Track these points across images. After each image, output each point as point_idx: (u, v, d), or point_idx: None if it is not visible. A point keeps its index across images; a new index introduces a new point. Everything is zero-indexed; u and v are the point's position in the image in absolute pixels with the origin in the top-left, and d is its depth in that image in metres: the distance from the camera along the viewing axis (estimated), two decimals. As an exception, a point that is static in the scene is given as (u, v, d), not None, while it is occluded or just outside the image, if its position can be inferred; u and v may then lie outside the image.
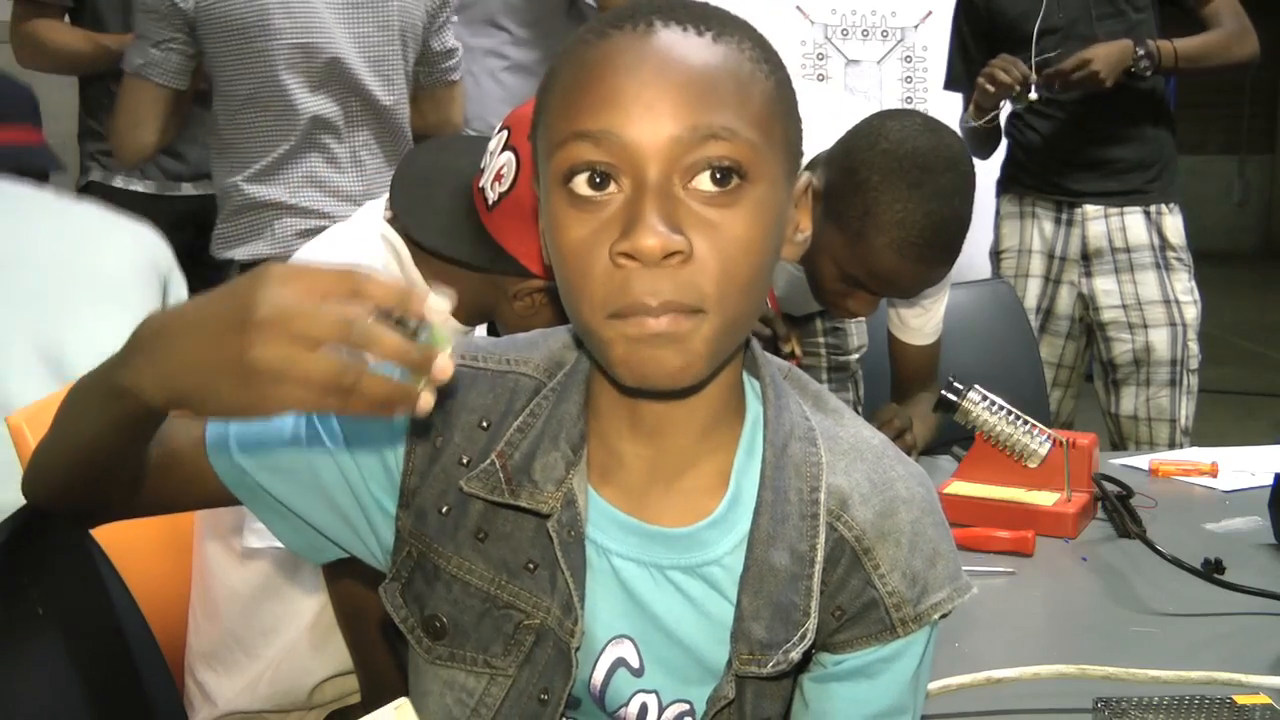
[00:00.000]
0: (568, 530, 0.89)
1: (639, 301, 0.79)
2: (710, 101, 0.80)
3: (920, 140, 1.64)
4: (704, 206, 0.80)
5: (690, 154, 0.79)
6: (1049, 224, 2.81)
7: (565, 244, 0.82)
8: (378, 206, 1.55)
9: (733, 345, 0.86)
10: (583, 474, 0.91)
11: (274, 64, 2.19)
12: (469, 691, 0.93)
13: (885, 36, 3.16)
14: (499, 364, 0.94)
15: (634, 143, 0.79)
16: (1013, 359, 2.51)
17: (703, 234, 0.80)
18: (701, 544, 0.91)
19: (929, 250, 1.64)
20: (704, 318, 0.81)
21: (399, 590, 0.94)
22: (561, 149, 0.81)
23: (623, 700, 0.93)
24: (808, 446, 0.91)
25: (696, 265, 0.80)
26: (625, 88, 0.79)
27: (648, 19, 0.82)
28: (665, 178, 0.80)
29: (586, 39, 0.83)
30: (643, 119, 0.79)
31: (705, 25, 0.82)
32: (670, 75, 0.79)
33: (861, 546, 0.90)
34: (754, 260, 0.82)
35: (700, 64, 0.80)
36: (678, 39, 0.81)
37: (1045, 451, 1.71)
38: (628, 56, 0.80)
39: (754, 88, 0.82)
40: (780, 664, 0.88)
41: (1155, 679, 1.18)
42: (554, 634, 0.91)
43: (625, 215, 0.80)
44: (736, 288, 0.81)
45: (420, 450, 0.92)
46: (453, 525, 0.92)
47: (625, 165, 0.80)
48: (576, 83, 0.82)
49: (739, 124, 0.80)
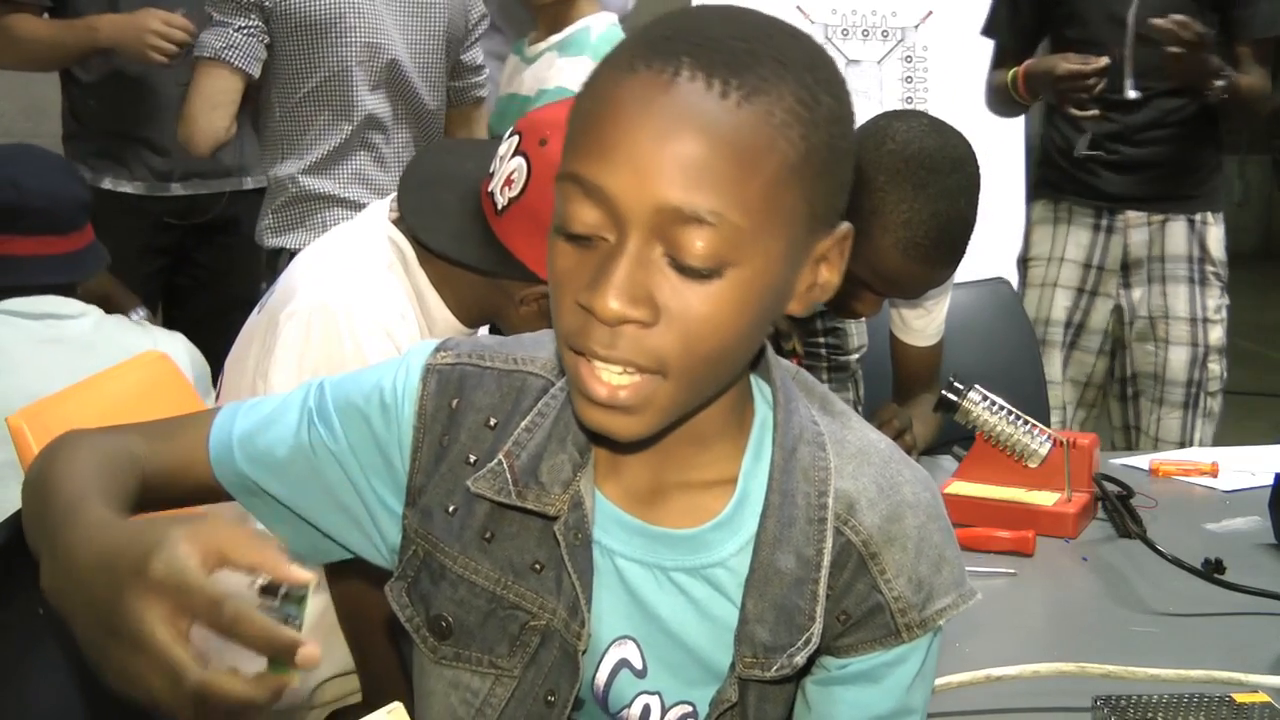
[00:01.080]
0: (574, 533, 0.89)
1: (592, 349, 0.79)
2: (704, 180, 0.75)
3: (926, 141, 1.64)
4: (680, 279, 0.77)
5: (673, 227, 0.76)
6: (1086, 231, 2.63)
7: (553, 269, 0.81)
8: (383, 207, 1.55)
9: (697, 402, 0.85)
10: (590, 476, 0.90)
11: (345, 60, 2.27)
12: (474, 692, 0.93)
13: (886, 36, 3.16)
14: (506, 363, 0.94)
15: (618, 200, 0.76)
16: (1013, 359, 2.51)
17: (673, 304, 0.77)
18: (707, 545, 0.90)
19: (934, 251, 1.64)
20: (662, 380, 0.79)
21: (404, 589, 0.94)
22: (561, 183, 0.80)
23: (625, 701, 0.93)
24: (816, 451, 0.91)
25: (658, 333, 0.78)
26: (622, 143, 0.76)
27: (678, 64, 0.76)
28: (644, 243, 0.77)
29: (617, 64, 0.79)
30: (631, 181, 0.76)
31: (739, 81, 0.76)
32: (671, 143, 0.75)
33: (868, 551, 0.90)
34: (724, 336, 0.79)
35: (710, 134, 0.75)
36: (698, 98, 0.76)
37: (1045, 451, 1.71)
38: (636, 108, 0.76)
39: (767, 161, 0.77)
40: (784, 668, 0.88)
41: (1155, 678, 1.18)
42: (560, 636, 0.91)
43: (597, 267, 0.77)
44: (699, 360, 0.79)
45: (426, 448, 0.92)
46: (459, 525, 0.92)
47: (610, 219, 0.77)
48: (588, 116, 0.79)
49: (730, 207, 0.76)
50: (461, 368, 0.93)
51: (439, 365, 0.93)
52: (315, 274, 1.46)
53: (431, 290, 1.49)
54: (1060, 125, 2.63)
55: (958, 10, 3.15)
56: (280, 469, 0.94)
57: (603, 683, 0.93)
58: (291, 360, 1.39)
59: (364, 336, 1.39)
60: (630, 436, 0.82)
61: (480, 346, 0.95)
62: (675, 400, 0.81)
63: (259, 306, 1.51)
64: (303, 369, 1.38)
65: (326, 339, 1.39)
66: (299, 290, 1.44)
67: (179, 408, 1.71)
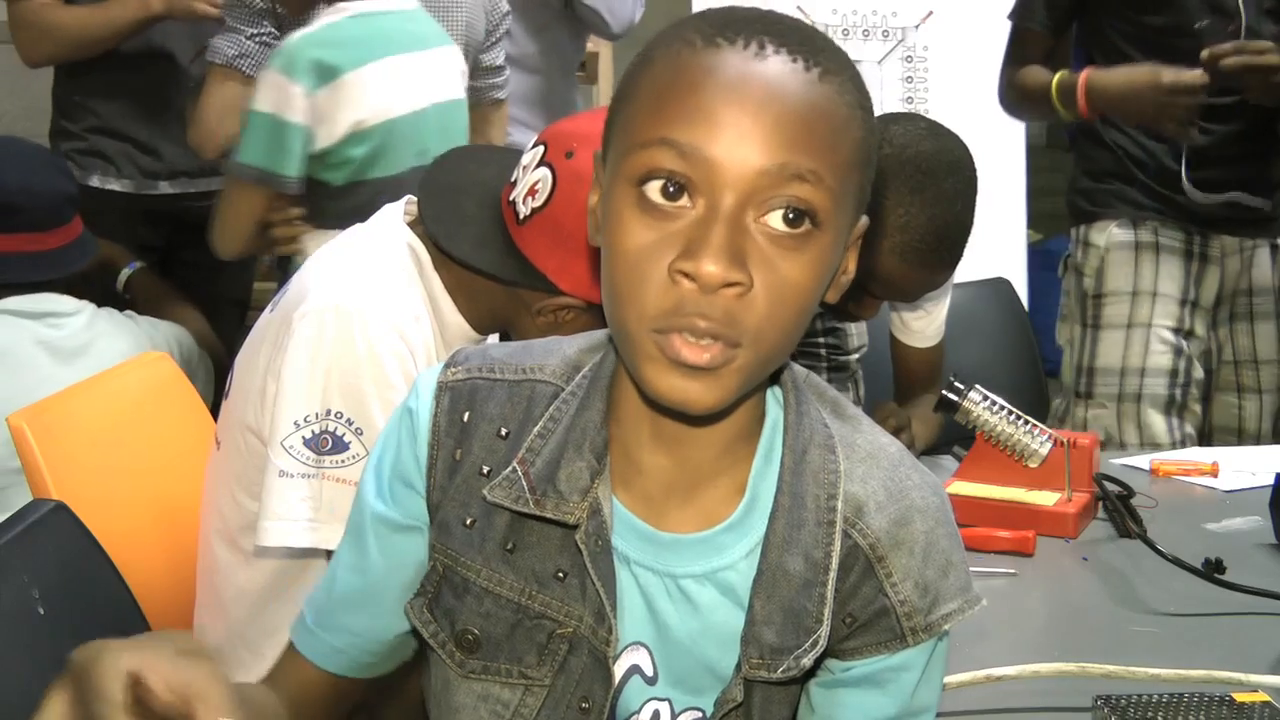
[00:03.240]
0: (594, 540, 0.89)
1: (687, 322, 0.78)
2: (803, 142, 0.78)
3: (923, 145, 1.64)
4: (770, 245, 0.79)
5: (771, 190, 0.78)
6: (1177, 259, 2.19)
7: (625, 246, 0.80)
8: (398, 210, 1.54)
9: (762, 376, 0.86)
10: (607, 482, 0.90)
11: None
12: (504, 704, 0.93)
13: (886, 36, 3.16)
14: (515, 373, 0.94)
15: (719, 165, 0.77)
16: (1013, 359, 2.51)
17: (762, 271, 0.79)
18: (717, 548, 0.90)
19: (931, 255, 1.64)
20: (739, 351, 0.80)
21: (425, 605, 0.94)
22: (644, 150, 0.79)
23: (634, 708, 0.93)
24: (826, 454, 0.91)
25: (749, 300, 0.79)
26: (723, 108, 0.78)
27: (760, 40, 0.79)
28: (740, 208, 0.78)
29: (692, 41, 0.80)
30: (734, 144, 0.77)
31: (814, 60, 0.80)
32: (771, 107, 0.78)
33: (875, 554, 0.90)
34: (802, 305, 0.81)
35: (802, 102, 0.79)
36: (785, 70, 0.79)
37: (1046, 451, 1.71)
38: (732, 75, 0.78)
39: (846, 135, 0.81)
40: (791, 669, 0.88)
41: (1155, 677, 1.18)
42: (588, 642, 0.91)
43: (692, 234, 0.78)
44: (779, 328, 0.81)
45: (441, 463, 0.92)
46: (479, 538, 0.91)
47: (705, 184, 0.78)
48: (675, 86, 0.79)
49: (825, 170, 0.79)
50: (472, 381, 0.93)
51: (450, 382, 0.93)
52: (329, 274, 1.46)
53: (445, 296, 1.48)
54: (1133, 131, 2.25)
55: (958, 10, 3.16)
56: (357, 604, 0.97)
57: (614, 688, 0.93)
58: (304, 359, 1.39)
59: (377, 338, 1.39)
60: (707, 406, 0.81)
61: (489, 359, 0.95)
62: (748, 371, 0.81)
63: (271, 305, 1.51)
64: (315, 368, 1.38)
65: (340, 339, 1.38)
66: (312, 290, 1.43)
67: (179, 408, 1.72)
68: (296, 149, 2.07)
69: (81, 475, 1.49)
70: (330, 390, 1.37)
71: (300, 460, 1.38)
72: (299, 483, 1.38)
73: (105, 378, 1.73)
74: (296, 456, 1.38)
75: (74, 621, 1.21)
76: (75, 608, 1.23)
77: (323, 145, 2.09)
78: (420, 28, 2.21)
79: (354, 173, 2.12)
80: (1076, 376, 2.31)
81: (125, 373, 1.75)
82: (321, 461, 1.38)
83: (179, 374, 1.76)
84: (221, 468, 1.52)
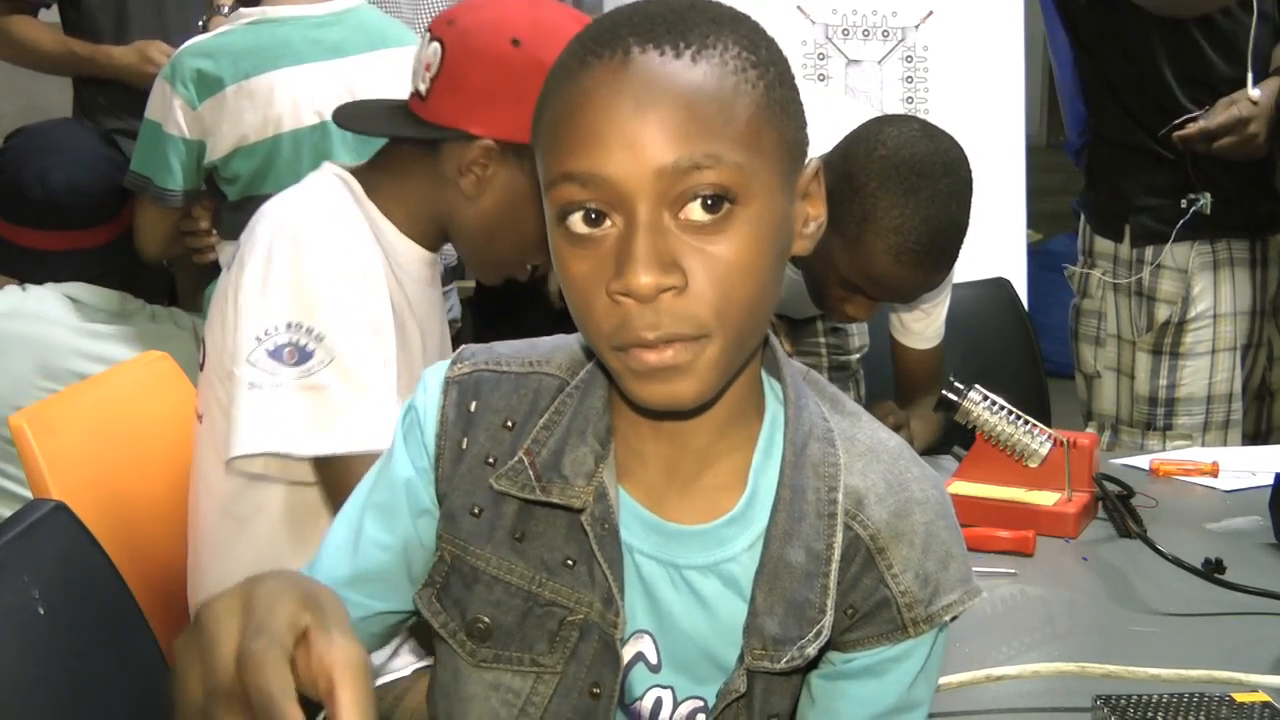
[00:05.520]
0: (601, 524, 0.90)
1: (638, 336, 0.80)
2: (691, 131, 0.78)
3: (918, 146, 1.64)
4: (696, 236, 0.80)
5: (676, 186, 0.79)
6: (1245, 270, 2.14)
7: (568, 278, 0.83)
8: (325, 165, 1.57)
9: (742, 358, 0.87)
10: (611, 468, 0.91)
11: None
12: (515, 692, 0.94)
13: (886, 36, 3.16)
14: (521, 366, 0.95)
15: (619, 182, 0.79)
16: (1013, 359, 2.51)
17: (697, 263, 0.80)
18: (720, 541, 0.91)
19: (926, 256, 1.65)
20: (707, 341, 0.81)
21: (434, 595, 0.95)
22: (554, 189, 0.81)
23: (637, 694, 0.95)
24: (826, 447, 0.92)
25: (693, 295, 0.80)
26: (605, 127, 0.79)
27: (625, 44, 0.80)
28: (654, 213, 0.79)
29: (569, 67, 0.82)
30: (625, 157, 0.78)
31: (685, 42, 0.80)
32: (649, 110, 0.78)
33: (875, 546, 0.91)
34: (753, 279, 0.82)
35: (679, 91, 0.79)
36: (655, 65, 0.79)
37: (1046, 451, 1.71)
38: (605, 93, 0.79)
39: (739, 102, 0.80)
40: (795, 659, 0.88)
41: (1155, 677, 1.18)
42: (598, 627, 0.92)
43: (618, 253, 0.80)
44: (737, 308, 0.81)
45: (448, 454, 0.94)
46: (488, 527, 0.93)
47: (614, 203, 0.80)
48: (560, 120, 0.81)
49: (723, 148, 0.79)
50: (478, 374, 0.95)
51: (457, 376, 0.95)
52: (270, 209, 1.48)
53: (383, 219, 1.50)
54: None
55: (958, 10, 3.15)
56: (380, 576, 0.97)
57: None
58: (256, 279, 1.40)
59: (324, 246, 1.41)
60: (692, 399, 0.83)
61: (496, 354, 0.97)
62: (725, 355, 0.82)
63: (226, 266, 1.52)
64: (268, 284, 1.39)
65: (287, 252, 1.40)
66: (256, 226, 1.46)
67: (180, 408, 1.71)
68: (174, 162, 2.05)
69: (81, 475, 1.49)
70: (286, 302, 1.38)
71: (267, 372, 1.38)
72: (270, 393, 1.38)
73: (104, 378, 1.73)
74: (263, 368, 1.38)
75: (74, 621, 1.21)
76: (75, 608, 1.23)
77: (210, 159, 2.07)
78: (336, 35, 2.11)
79: (244, 188, 2.09)
80: (1151, 408, 2.19)
81: (125, 373, 1.75)
82: (291, 373, 1.38)
83: (179, 374, 1.76)
84: (205, 440, 1.52)
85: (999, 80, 3.06)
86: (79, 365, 2.01)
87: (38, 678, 1.14)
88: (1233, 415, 2.15)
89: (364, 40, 2.12)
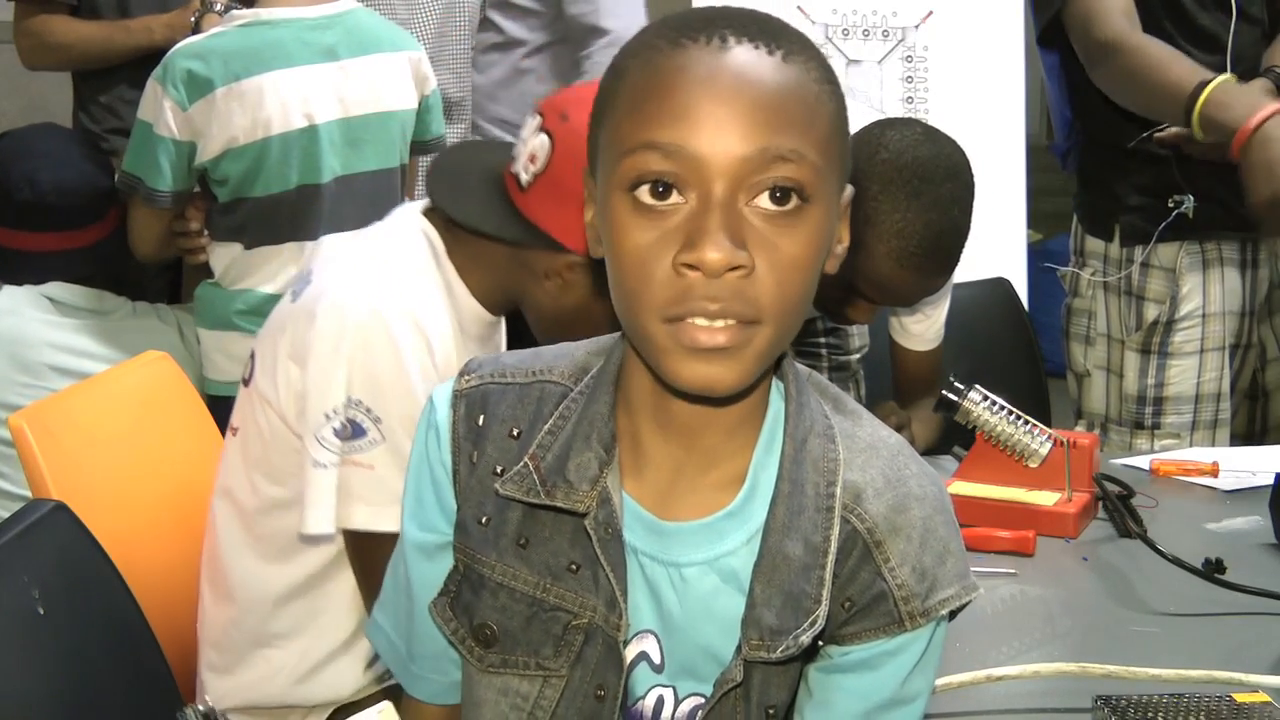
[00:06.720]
0: (605, 528, 0.91)
1: (699, 305, 0.81)
2: (779, 124, 0.81)
3: (920, 150, 1.64)
4: (765, 225, 0.82)
5: (756, 174, 0.81)
6: (1234, 271, 2.13)
7: (626, 248, 0.83)
8: (414, 206, 1.57)
9: (778, 354, 0.89)
10: (615, 473, 0.92)
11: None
12: (523, 696, 0.95)
13: (886, 36, 3.16)
14: (525, 377, 0.96)
15: (704, 158, 0.80)
16: (1013, 359, 2.51)
17: (762, 251, 0.82)
18: (718, 534, 0.92)
19: (928, 260, 1.64)
20: (759, 328, 0.83)
21: (448, 604, 0.97)
22: (630, 156, 0.82)
23: (640, 694, 0.95)
24: (826, 443, 0.93)
25: (755, 280, 0.82)
26: (699, 103, 0.81)
27: (722, 33, 0.82)
28: (731, 194, 0.81)
29: (658, 45, 0.84)
30: (714, 136, 0.80)
31: (776, 44, 0.83)
32: (743, 95, 0.81)
33: (873, 539, 0.91)
34: (806, 278, 0.84)
35: (772, 86, 0.82)
36: (751, 58, 0.82)
37: (1046, 451, 1.71)
38: (701, 71, 0.81)
39: (820, 110, 0.84)
40: (790, 649, 0.89)
41: (1155, 678, 1.18)
42: (602, 631, 0.93)
43: (690, 227, 0.81)
44: (790, 303, 0.84)
45: (463, 468, 0.95)
46: (494, 534, 0.94)
47: (693, 179, 0.81)
48: (648, 90, 0.83)
49: (805, 147, 0.82)
50: (485, 386, 0.96)
51: (465, 390, 0.96)
52: (350, 267, 1.49)
53: (459, 281, 1.52)
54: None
55: (958, 10, 3.15)
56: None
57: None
58: (328, 351, 1.42)
59: (395, 328, 1.43)
60: (729, 386, 0.84)
61: (501, 365, 0.98)
62: (769, 346, 0.84)
63: (291, 294, 1.53)
64: (337, 358, 1.42)
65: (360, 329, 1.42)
66: (333, 283, 1.47)
67: (180, 408, 1.72)
68: (164, 163, 2.04)
69: (81, 475, 1.49)
70: (352, 379, 1.42)
71: (330, 449, 1.42)
72: (330, 472, 1.43)
73: (104, 378, 1.74)
74: (328, 447, 1.42)
75: (74, 621, 1.22)
76: (75, 608, 1.23)
77: (201, 161, 2.07)
78: (329, 38, 2.10)
79: (234, 190, 2.09)
80: (1139, 406, 2.20)
81: (125, 373, 1.75)
82: (344, 448, 1.42)
83: (179, 374, 1.76)
84: (238, 453, 1.54)
85: (999, 80, 3.05)
86: (53, 358, 2.02)
87: (38, 678, 1.15)
88: (1221, 415, 2.15)
89: (357, 44, 2.12)
